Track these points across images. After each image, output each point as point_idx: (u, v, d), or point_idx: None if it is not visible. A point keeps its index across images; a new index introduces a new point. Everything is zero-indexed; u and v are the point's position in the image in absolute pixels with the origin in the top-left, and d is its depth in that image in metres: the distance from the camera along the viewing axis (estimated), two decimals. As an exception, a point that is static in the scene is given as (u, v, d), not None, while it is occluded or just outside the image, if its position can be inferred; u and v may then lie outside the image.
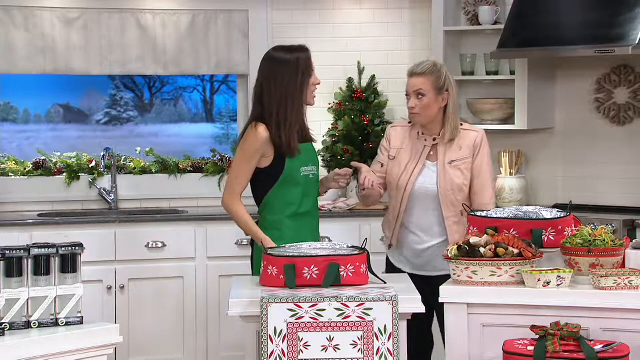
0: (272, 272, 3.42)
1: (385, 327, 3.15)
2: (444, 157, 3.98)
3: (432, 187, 3.97)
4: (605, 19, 5.00)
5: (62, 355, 2.90)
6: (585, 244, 3.30)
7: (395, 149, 4.05)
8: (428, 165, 4.00)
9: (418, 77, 3.95)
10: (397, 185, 4.01)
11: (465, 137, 4.01)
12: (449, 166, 3.97)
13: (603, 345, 3.07)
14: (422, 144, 4.01)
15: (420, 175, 3.98)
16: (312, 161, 3.94)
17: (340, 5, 5.95)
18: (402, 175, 4.00)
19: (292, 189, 3.87)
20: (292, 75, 3.86)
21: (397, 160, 4.03)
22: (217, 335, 5.35)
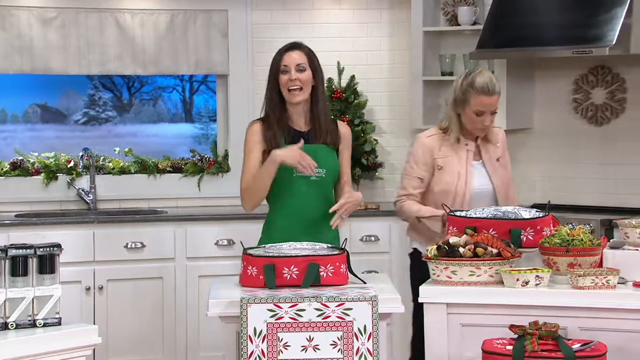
0: (251, 272, 3.42)
1: (365, 327, 3.15)
2: (488, 155, 4.07)
3: (487, 186, 4.04)
4: (583, 20, 5.03)
5: (40, 356, 2.88)
6: (563, 243, 3.31)
7: (441, 158, 4.04)
8: (475, 166, 4.05)
9: (495, 96, 3.99)
10: (455, 192, 4.00)
11: (495, 134, 4.12)
12: (497, 164, 4.07)
13: (581, 344, 3.09)
14: (464, 148, 4.04)
15: (473, 177, 4.02)
16: (319, 164, 3.80)
17: (320, 6, 5.95)
18: (457, 182, 4.01)
19: (283, 189, 3.84)
20: (270, 76, 3.89)
21: (447, 169, 4.03)
22: (196, 335, 5.34)
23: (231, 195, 5.84)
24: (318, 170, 3.82)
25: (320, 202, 3.85)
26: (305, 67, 3.84)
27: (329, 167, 3.87)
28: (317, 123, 3.87)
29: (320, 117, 3.88)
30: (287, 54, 3.85)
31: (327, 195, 3.89)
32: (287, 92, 3.83)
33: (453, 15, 5.79)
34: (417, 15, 5.71)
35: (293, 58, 3.84)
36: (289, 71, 3.82)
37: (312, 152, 3.83)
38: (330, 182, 3.89)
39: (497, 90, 3.99)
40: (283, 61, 3.84)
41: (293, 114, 3.88)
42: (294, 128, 3.88)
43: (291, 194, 3.85)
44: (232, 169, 5.90)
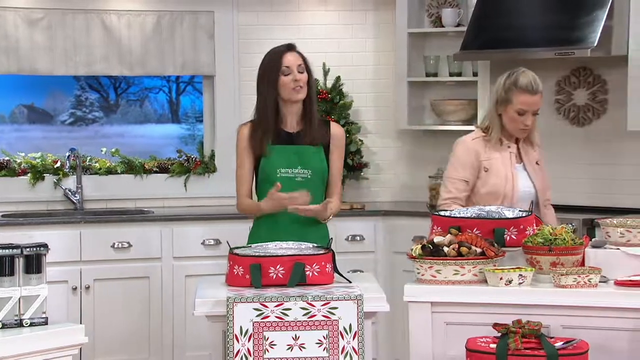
0: (238, 271, 3.41)
1: (350, 326, 3.15)
2: (528, 158, 4.06)
3: (529, 189, 4.03)
4: (565, 22, 5.04)
5: (26, 356, 2.87)
6: (546, 242, 3.32)
7: (487, 160, 4.02)
8: (517, 168, 4.05)
9: (537, 95, 3.98)
10: (504, 193, 3.99)
11: (535, 137, 4.10)
12: (537, 166, 4.06)
13: (563, 342, 3.10)
14: (506, 150, 4.04)
15: (518, 179, 4.02)
16: (302, 163, 3.84)
17: (305, 7, 5.95)
18: (505, 184, 4.00)
19: (268, 189, 3.82)
20: (263, 77, 3.86)
21: (493, 171, 4.01)
22: (183, 335, 5.33)
23: (217, 196, 5.86)
24: (302, 170, 3.83)
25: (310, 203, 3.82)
26: (304, 68, 3.86)
27: (314, 167, 3.86)
28: (309, 124, 3.87)
29: (313, 117, 3.88)
30: (286, 56, 3.84)
31: (315, 195, 3.84)
32: (291, 91, 3.81)
33: (437, 16, 5.80)
34: (401, 16, 5.72)
35: (293, 59, 3.85)
36: (292, 72, 3.82)
37: (296, 153, 3.84)
38: (317, 182, 3.88)
39: (540, 89, 3.97)
40: (284, 63, 3.82)
41: (287, 115, 3.87)
42: (284, 130, 3.87)
43: None
44: (218, 169, 5.90)
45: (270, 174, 3.83)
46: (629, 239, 3.39)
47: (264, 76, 3.86)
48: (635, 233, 3.39)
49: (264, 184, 3.87)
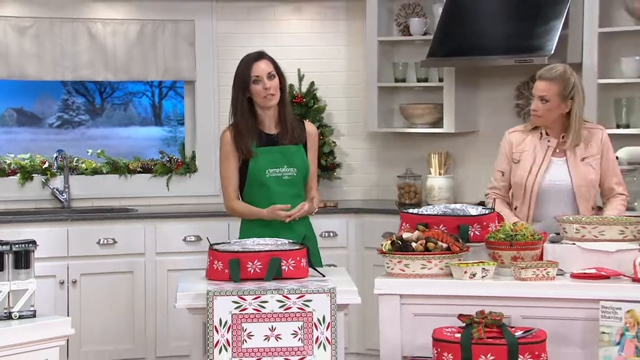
0: (217, 266, 3.40)
1: (324, 318, 3.15)
2: (574, 153, 3.88)
3: (564, 183, 3.88)
4: (524, 31, 5.07)
5: (15, 347, 2.85)
6: (507, 238, 3.33)
7: (518, 152, 3.94)
8: (555, 162, 3.90)
9: (545, 82, 3.84)
10: (525, 186, 3.90)
11: (592, 135, 3.90)
12: (581, 163, 3.87)
13: (523, 331, 3.11)
14: (545, 144, 3.91)
15: (546, 173, 3.89)
16: (288, 162, 3.86)
17: (281, 17, 5.94)
18: (528, 176, 3.90)
19: (258, 189, 3.86)
20: (236, 85, 3.87)
21: (522, 163, 3.92)
22: (165, 326, 5.31)
23: (198, 194, 5.84)
24: (288, 169, 3.85)
25: (293, 199, 3.88)
26: (274, 74, 3.85)
27: (298, 166, 3.89)
28: (285, 125, 3.88)
29: (287, 118, 3.90)
30: (256, 65, 3.84)
31: (299, 192, 3.92)
32: (263, 99, 3.82)
33: (405, 26, 5.81)
34: (371, 25, 5.72)
35: (263, 68, 3.85)
36: (262, 80, 3.82)
37: (281, 153, 3.86)
38: (301, 180, 3.91)
39: (546, 77, 3.83)
40: (253, 72, 3.83)
41: (265, 118, 3.88)
42: (265, 132, 3.88)
43: (265, 193, 3.87)
44: (199, 169, 5.88)
45: (260, 174, 3.85)
46: (584, 234, 3.41)
47: (236, 84, 3.87)
48: (589, 229, 3.41)
49: (252, 184, 3.87)
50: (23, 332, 2.88)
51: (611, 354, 3.06)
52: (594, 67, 5.03)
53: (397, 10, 5.87)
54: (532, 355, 3.05)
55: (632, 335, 3.04)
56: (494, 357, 3.04)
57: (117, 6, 5.73)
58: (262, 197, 3.86)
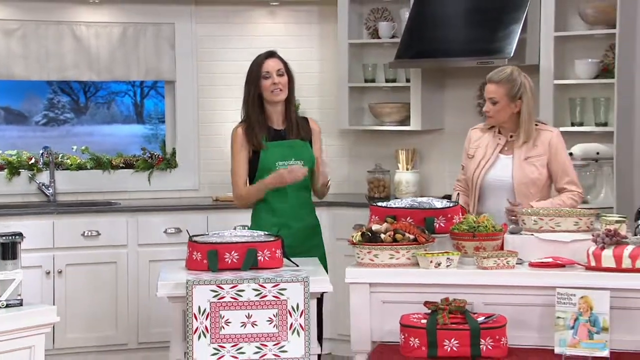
0: (196, 257, 3.38)
1: (297, 305, 3.15)
2: (519, 152, 3.85)
3: (506, 179, 3.85)
4: (486, 35, 5.09)
5: (3, 334, 2.82)
6: (470, 229, 3.34)
7: (473, 149, 3.94)
8: (502, 159, 3.88)
9: (493, 85, 3.83)
10: (472, 179, 3.90)
11: (541, 136, 3.86)
12: (524, 162, 3.84)
13: (485, 317, 3.13)
14: (496, 141, 3.90)
15: (492, 168, 3.88)
16: (295, 155, 3.88)
17: (257, 20, 5.92)
18: (476, 169, 3.89)
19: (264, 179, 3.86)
20: (248, 81, 3.91)
21: (475, 158, 3.92)
22: (147, 314, 5.28)
23: (178, 189, 5.82)
24: (296, 162, 3.88)
25: (300, 190, 3.91)
26: (283, 72, 3.91)
27: (305, 158, 3.92)
28: (291, 121, 3.93)
29: (293, 115, 3.95)
30: (267, 62, 3.90)
31: (306, 183, 3.94)
32: (270, 93, 3.87)
33: (374, 29, 5.82)
34: (342, 29, 5.72)
35: (272, 65, 3.90)
36: (271, 76, 3.87)
37: (289, 147, 3.89)
38: (308, 172, 3.92)
39: (495, 80, 3.82)
40: (264, 68, 3.88)
41: (272, 114, 3.92)
42: (273, 127, 3.91)
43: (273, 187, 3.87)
44: (179, 165, 5.85)
45: (270, 166, 3.86)
46: (542, 225, 3.43)
47: (248, 80, 3.92)
48: (546, 221, 3.43)
49: (263, 175, 3.88)
50: (10, 320, 2.85)
51: (566, 338, 3.08)
52: (550, 69, 5.06)
53: (367, 15, 5.87)
54: (493, 339, 3.06)
55: (585, 320, 3.06)
56: (458, 342, 3.05)
57: (101, 9, 5.68)
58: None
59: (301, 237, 3.86)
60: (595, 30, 5.06)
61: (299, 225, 3.85)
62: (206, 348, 3.10)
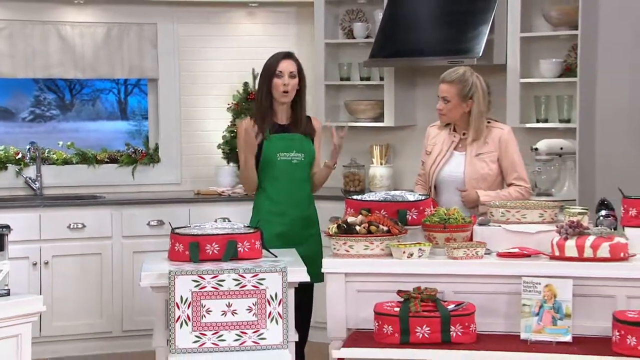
0: (178, 248, 3.36)
1: (276, 294, 3.14)
2: (471, 149, 3.87)
3: (458, 174, 3.87)
4: (456, 36, 5.10)
5: (-9, 323, 2.79)
6: (441, 221, 3.35)
7: (431, 145, 3.95)
8: (456, 155, 3.90)
9: (445, 84, 3.83)
10: (429, 174, 3.92)
11: (492, 133, 3.87)
12: (476, 158, 3.86)
13: (455, 304, 3.14)
14: (451, 138, 3.91)
15: (446, 164, 3.89)
16: (296, 148, 3.93)
17: (236, 21, 5.89)
18: (432, 165, 3.92)
19: (269, 170, 3.91)
20: (262, 76, 3.95)
21: (432, 154, 3.94)
22: (131, 303, 5.25)
23: (161, 183, 5.79)
24: (297, 154, 3.93)
25: (301, 182, 3.96)
26: (296, 74, 3.94)
27: (306, 151, 3.96)
28: (297, 118, 3.97)
29: (300, 113, 3.98)
30: (283, 62, 3.93)
31: (306, 175, 3.99)
32: (280, 93, 3.91)
33: (349, 29, 5.81)
34: (319, 29, 5.70)
35: (287, 66, 3.93)
36: (283, 76, 3.90)
37: (290, 139, 3.93)
38: (307, 165, 3.98)
39: (448, 79, 3.82)
40: (279, 67, 3.92)
41: (278, 110, 3.96)
42: (277, 122, 3.95)
43: (276, 176, 3.92)
44: (162, 160, 5.82)
45: (272, 157, 3.91)
46: (509, 217, 3.45)
47: (263, 75, 3.96)
48: (513, 213, 3.45)
49: (264, 165, 3.92)
50: (-2, 310, 2.81)
51: (531, 324, 3.10)
52: (517, 68, 5.08)
53: (342, 16, 5.86)
54: (463, 326, 3.08)
55: (549, 307, 3.09)
56: (429, 328, 3.06)
57: (85, 10, 5.63)
58: (271, 177, 3.92)
59: (298, 226, 3.91)
60: (559, 32, 5.08)
61: (296, 214, 3.92)
62: (188, 336, 3.09)
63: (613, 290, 3.11)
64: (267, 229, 3.75)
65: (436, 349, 3.05)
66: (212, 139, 5.82)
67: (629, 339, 2.92)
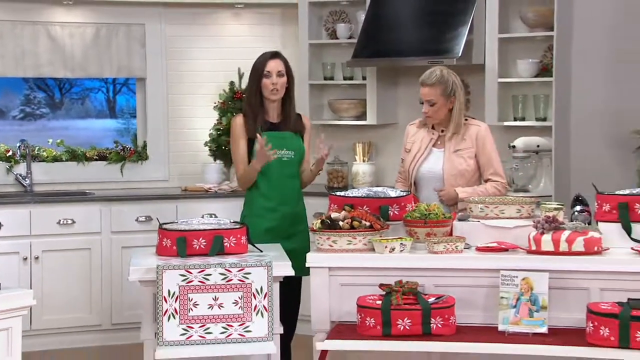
0: (166, 243, 3.35)
1: (261, 288, 3.13)
2: (449, 145, 3.86)
3: (438, 171, 3.86)
4: (436, 36, 5.11)
5: (-18, 317, 2.76)
6: (422, 217, 3.35)
7: (410, 143, 3.93)
8: (434, 152, 3.88)
9: (428, 87, 3.80)
10: (408, 171, 3.90)
11: (469, 130, 3.87)
12: (454, 154, 3.85)
13: (435, 297, 3.14)
14: (430, 136, 3.90)
15: (425, 161, 3.87)
16: (287, 146, 3.90)
17: (223, 21, 5.87)
18: (411, 162, 3.90)
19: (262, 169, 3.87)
20: (251, 76, 3.94)
21: (411, 152, 3.92)
22: (119, 297, 5.22)
23: (149, 179, 5.77)
24: (287, 152, 3.91)
25: (289, 178, 3.94)
26: (284, 73, 3.92)
27: (296, 149, 3.95)
28: (287, 116, 3.95)
29: (290, 111, 3.96)
30: (270, 62, 3.92)
31: (296, 173, 3.98)
32: (269, 92, 3.89)
33: (333, 30, 5.80)
34: (303, 30, 5.69)
35: (274, 65, 3.91)
36: (271, 76, 3.89)
37: (281, 138, 3.90)
38: (297, 162, 3.97)
39: (429, 82, 3.80)
40: (266, 67, 3.90)
41: (269, 108, 3.94)
42: (268, 120, 3.93)
43: (267, 173, 3.89)
44: (150, 157, 5.79)
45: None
46: (487, 213, 3.45)
47: (252, 75, 3.94)
48: (492, 208, 3.45)
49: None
50: (-12, 304, 2.79)
51: (509, 316, 3.11)
52: (495, 67, 5.10)
53: (326, 17, 5.85)
54: (443, 318, 3.08)
55: (526, 299, 3.10)
56: (410, 321, 3.07)
57: (75, 11, 5.59)
58: (262, 174, 3.89)
59: (287, 221, 3.91)
60: (535, 33, 5.10)
61: (286, 210, 3.91)
62: (175, 328, 3.07)
63: (587, 282, 3.13)
64: (258, 224, 3.77)
65: (417, 340, 3.05)
66: (199, 137, 5.80)
67: (602, 330, 2.94)
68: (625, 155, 5.07)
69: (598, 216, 3.32)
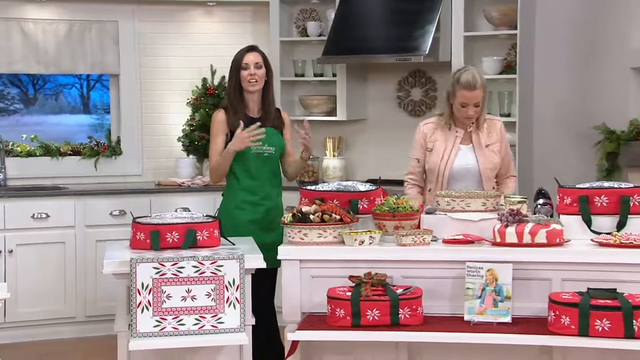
0: (140, 237, 3.31)
1: (233, 280, 3.12)
2: (479, 141, 3.82)
3: (472, 166, 3.82)
4: (404, 34, 5.12)
5: (-45, 312, 2.71)
6: (390, 210, 3.36)
7: (432, 142, 3.86)
8: (463, 149, 3.84)
9: (474, 91, 3.71)
10: (438, 170, 3.84)
11: (492, 124, 3.85)
12: (486, 149, 3.82)
13: (403, 289, 3.15)
14: (453, 134, 3.84)
15: (456, 158, 3.83)
16: (268, 142, 3.84)
17: (195, 19, 5.83)
18: (440, 161, 3.83)
19: (241, 163, 3.85)
20: (231, 71, 3.91)
21: (435, 151, 3.85)
22: (93, 290, 5.18)
23: (123, 174, 5.72)
24: (268, 147, 3.86)
25: (271, 174, 3.92)
26: (262, 64, 3.90)
27: (276, 145, 3.91)
28: (267, 110, 3.91)
29: (269, 105, 3.93)
30: (247, 55, 3.90)
31: (276, 168, 3.96)
32: (247, 83, 3.86)
33: (303, 28, 5.79)
34: (274, 28, 5.67)
35: (252, 58, 3.89)
36: (249, 67, 3.86)
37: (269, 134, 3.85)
38: (277, 158, 3.93)
39: (477, 86, 3.73)
40: (244, 60, 3.88)
41: (249, 102, 3.90)
42: (249, 115, 3.89)
43: (247, 168, 3.86)
44: (123, 152, 5.74)
45: (246, 150, 3.80)
46: (454, 206, 3.46)
47: (231, 70, 3.92)
48: (458, 202, 3.46)
49: (236, 158, 3.83)
50: (-38, 299, 2.74)
51: (474, 306, 3.13)
52: (461, 65, 5.08)
53: (296, 15, 5.83)
54: (411, 308, 3.09)
55: (491, 290, 3.12)
56: (379, 311, 3.07)
57: (48, 7, 5.52)
58: (244, 169, 3.86)
59: (269, 215, 3.89)
60: (500, 31, 5.14)
61: (267, 204, 3.88)
62: (149, 320, 3.05)
63: (549, 273, 3.16)
64: (241, 216, 3.79)
65: (385, 330, 3.06)
66: (172, 132, 5.76)
67: (563, 319, 2.97)
68: (586, 150, 5.13)
69: (560, 209, 3.36)
